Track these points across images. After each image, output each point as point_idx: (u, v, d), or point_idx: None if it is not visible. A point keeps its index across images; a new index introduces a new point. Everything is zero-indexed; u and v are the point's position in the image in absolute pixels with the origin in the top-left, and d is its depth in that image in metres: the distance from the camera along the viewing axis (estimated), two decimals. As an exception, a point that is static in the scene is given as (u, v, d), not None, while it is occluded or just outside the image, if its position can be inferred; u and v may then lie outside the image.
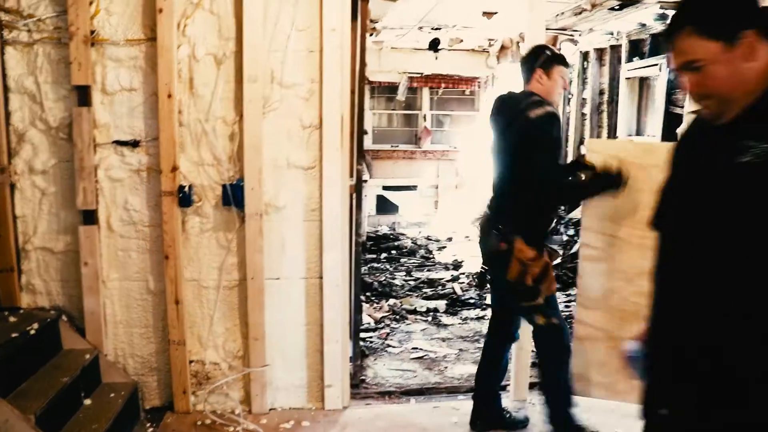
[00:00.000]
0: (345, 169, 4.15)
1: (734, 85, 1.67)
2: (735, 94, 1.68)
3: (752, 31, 1.64)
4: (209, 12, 3.94)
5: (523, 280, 3.56)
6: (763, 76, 1.67)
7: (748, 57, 1.65)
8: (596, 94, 10.88)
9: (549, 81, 3.64)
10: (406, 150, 12.82)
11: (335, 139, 4.06)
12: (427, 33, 9.16)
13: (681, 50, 1.70)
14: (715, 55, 1.65)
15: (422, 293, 8.00)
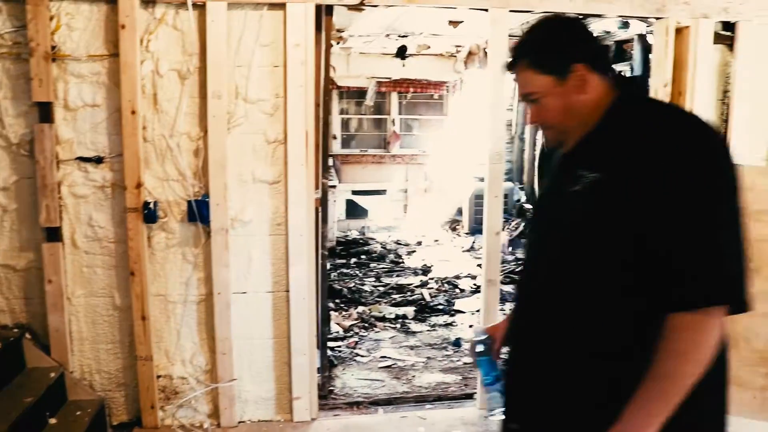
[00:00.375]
0: (310, 182, 4.15)
1: (568, 117, 1.75)
2: (570, 124, 1.76)
3: (582, 64, 1.71)
4: (173, 28, 3.93)
5: None
6: (595, 107, 1.74)
7: (580, 89, 1.72)
8: (561, 99, 10.92)
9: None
10: (375, 154, 12.82)
11: (300, 153, 4.07)
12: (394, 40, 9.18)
13: (520, 83, 1.79)
14: (548, 88, 1.73)
15: (391, 299, 8.01)
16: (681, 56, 4.51)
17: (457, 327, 6.91)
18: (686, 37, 4.47)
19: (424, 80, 12.54)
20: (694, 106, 4.49)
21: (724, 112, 4.70)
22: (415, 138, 13.21)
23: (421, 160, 13.00)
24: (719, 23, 4.56)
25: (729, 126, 4.66)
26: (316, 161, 4.27)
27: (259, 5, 3.96)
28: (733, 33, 4.58)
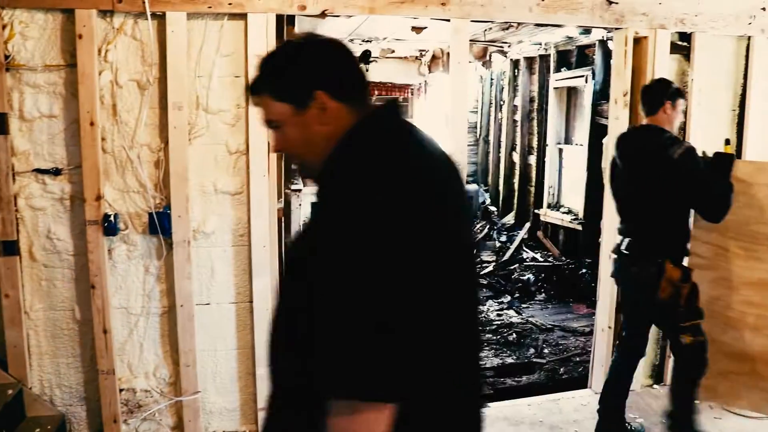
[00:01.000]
0: (273, 192, 4.12)
1: (307, 147, 1.64)
2: (310, 156, 1.65)
3: (324, 92, 1.60)
4: (131, 38, 3.87)
5: (675, 301, 3.80)
6: (333, 137, 1.61)
7: (320, 119, 1.61)
8: (527, 102, 11.01)
9: (674, 112, 3.94)
10: (340, 157, 12.77)
11: (262, 163, 4.03)
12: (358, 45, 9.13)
13: (262, 108, 1.66)
14: (287, 117, 1.61)
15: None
16: (640, 66, 4.56)
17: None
18: (644, 47, 4.51)
19: (389, 83, 12.52)
20: (652, 114, 4.55)
21: (682, 120, 4.74)
22: (381, 141, 13.18)
23: (387, 162, 12.95)
24: (676, 34, 4.62)
25: (686, 134, 4.71)
26: (278, 171, 4.24)
27: (220, 15, 3.91)
28: (689, 43, 4.64)
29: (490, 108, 12.91)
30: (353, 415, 1.36)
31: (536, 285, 8.41)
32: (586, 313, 7.41)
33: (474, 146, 13.57)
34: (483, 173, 13.33)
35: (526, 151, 11.08)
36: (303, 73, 1.61)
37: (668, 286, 3.79)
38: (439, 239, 1.49)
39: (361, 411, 1.36)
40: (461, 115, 4.34)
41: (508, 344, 6.47)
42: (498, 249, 10.23)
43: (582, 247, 8.84)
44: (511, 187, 11.65)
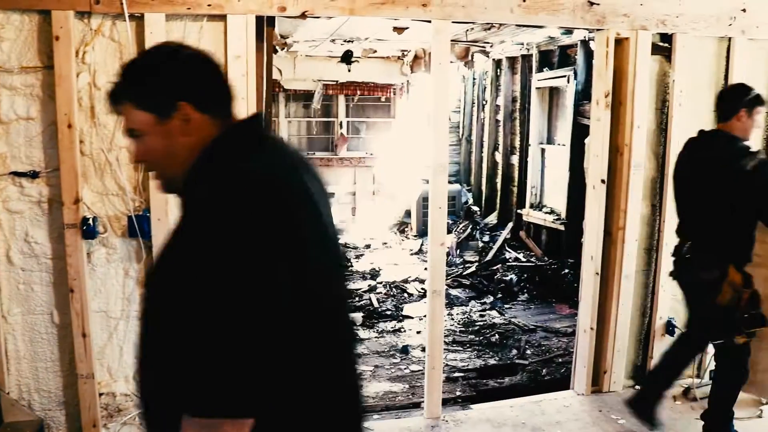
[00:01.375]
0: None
1: (169, 158, 1.60)
2: (171, 167, 1.62)
3: (188, 103, 1.57)
4: (109, 39, 3.84)
5: (735, 305, 3.80)
6: (195, 149, 1.59)
7: (184, 130, 1.58)
8: (509, 102, 11.06)
9: (749, 121, 3.87)
10: (322, 157, 12.71)
11: (243, 167, 4.01)
12: (339, 45, 9.12)
13: (123, 116, 1.62)
14: (150, 127, 1.58)
15: (340, 305, 7.97)
16: (621, 67, 4.58)
17: (405, 333, 6.92)
18: (626, 48, 4.54)
19: (371, 83, 12.51)
20: (634, 115, 4.57)
21: (663, 120, 4.78)
22: (363, 140, 13.20)
23: (369, 162, 12.96)
24: (657, 35, 4.65)
25: (668, 135, 4.74)
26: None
27: (199, 17, 3.89)
28: (670, 44, 4.67)
29: (472, 108, 12.93)
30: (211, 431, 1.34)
31: (519, 285, 8.43)
32: (568, 314, 7.44)
33: (456, 146, 13.58)
34: (466, 173, 13.36)
35: (509, 151, 11.12)
36: (167, 82, 1.59)
37: (729, 291, 3.80)
38: (298, 247, 1.48)
39: (218, 428, 1.35)
40: (443, 115, 4.34)
41: (491, 345, 6.49)
42: (481, 249, 10.26)
43: (564, 247, 8.89)
44: (494, 187, 11.68)
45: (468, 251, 10.46)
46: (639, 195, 4.74)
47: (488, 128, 11.89)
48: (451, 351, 6.28)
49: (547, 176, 9.98)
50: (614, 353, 4.88)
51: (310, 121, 13.02)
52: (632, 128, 4.60)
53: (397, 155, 12.84)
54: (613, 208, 4.74)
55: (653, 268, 4.98)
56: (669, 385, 4.31)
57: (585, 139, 8.12)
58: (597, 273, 4.76)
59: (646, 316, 5.06)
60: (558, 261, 8.85)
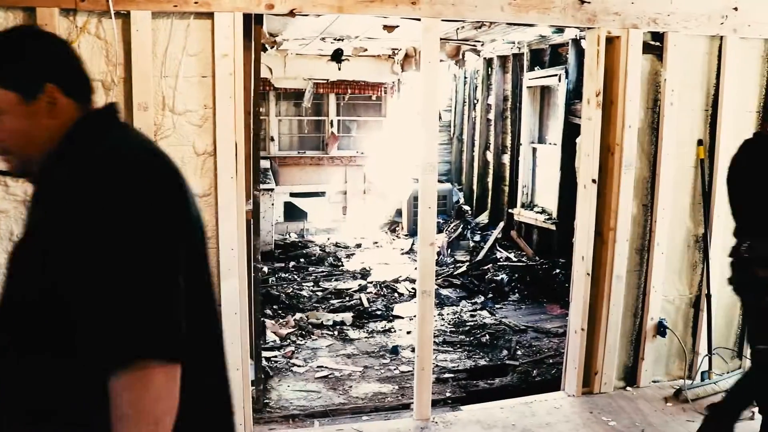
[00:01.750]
0: (241, 195, 4.08)
1: (27, 140, 1.57)
2: (29, 150, 1.58)
3: (54, 86, 1.55)
4: (95, 37, 3.80)
5: None
6: (56, 132, 1.57)
7: (49, 113, 1.56)
8: (500, 101, 11.05)
9: None
10: (313, 156, 12.69)
11: (230, 165, 3.99)
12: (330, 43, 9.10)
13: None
14: (12, 106, 1.53)
15: (329, 305, 7.96)
16: (612, 65, 4.57)
17: (395, 333, 6.91)
18: (617, 47, 4.53)
19: (362, 82, 12.49)
20: (626, 114, 4.56)
21: (655, 120, 4.77)
22: (354, 139, 13.19)
23: (360, 161, 12.96)
24: (648, 33, 4.63)
25: (660, 134, 4.73)
26: (246, 172, 4.20)
27: (186, 14, 3.86)
28: (661, 43, 4.66)
29: (463, 107, 12.92)
30: (144, 382, 1.36)
31: (510, 285, 8.43)
32: (559, 314, 7.44)
33: (448, 145, 13.57)
34: (457, 172, 13.34)
35: (500, 150, 11.11)
36: (36, 63, 1.56)
37: None
38: (180, 221, 1.52)
39: (151, 376, 1.36)
40: (432, 113, 4.32)
41: (481, 346, 6.48)
42: (472, 249, 10.26)
43: (556, 247, 8.89)
44: (485, 186, 11.67)
45: (459, 251, 10.46)
46: (630, 195, 4.73)
47: (479, 127, 11.87)
48: (441, 351, 6.27)
49: (538, 176, 9.98)
50: (605, 354, 4.87)
51: (300, 120, 12.98)
52: (623, 127, 4.59)
53: (388, 154, 12.83)
54: (604, 208, 4.73)
55: (644, 269, 4.97)
56: (747, 408, 4.21)
57: (576, 138, 8.12)
58: (588, 273, 4.75)
59: (637, 317, 5.05)
60: (549, 261, 8.85)
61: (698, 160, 4.93)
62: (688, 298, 5.16)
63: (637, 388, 4.99)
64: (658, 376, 5.17)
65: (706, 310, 5.06)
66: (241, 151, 4.03)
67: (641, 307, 5.02)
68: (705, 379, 5.03)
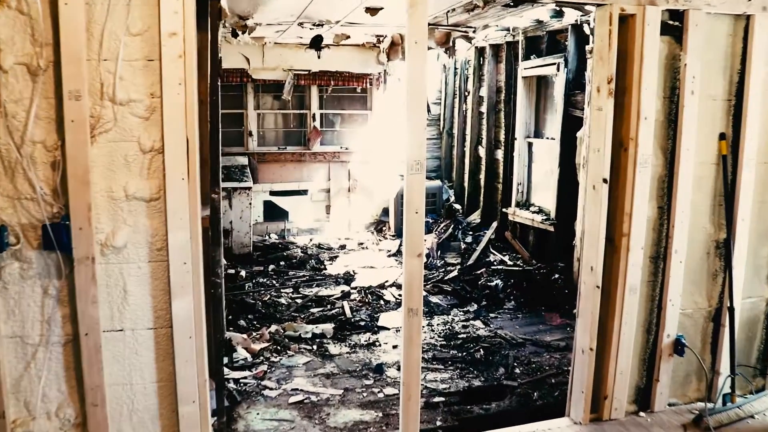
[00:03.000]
0: (195, 198, 3.54)
1: None
2: None
3: None
4: (17, 11, 3.25)
5: None
6: None
7: None
8: (493, 93, 10.59)
9: None
10: (294, 152, 12.15)
11: (180, 164, 3.45)
12: (308, 29, 8.56)
13: None
14: None
15: (309, 314, 7.44)
16: (626, 48, 4.07)
17: (379, 348, 6.38)
18: (631, 26, 4.02)
19: (346, 73, 11.98)
20: (641, 104, 4.06)
21: (672, 111, 4.27)
22: (338, 134, 12.66)
23: (344, 157, 12.48)
24: (666, 12, 4.12)
25: (678, 126, 4.23)
26: (203, 172, 3.67)
27: (127, -14, 3.33)
28: (681, 23, 4.15)
29: (453, 99, 12.48)
30: None
31: (505, 292, 7.91)
32: (560, 324, 6.95)
33: (437, 140, 13.10)
34: (447, 168, 12.87)
35: (493, 145, 10.66)
36: None
37: None
38: None
39: None
40: (420, 104, 3.77)
41: (475, 362, 5.95)
42: (463, 251, 9.76)
43: (554, 250, 8.38)
44: (477, 183, 11.23)
45: (449, 253, 9.96)
46: (646, 196, 4.23)
47: (471, 121, 11.43)
48: (430, 370, 5.75)
49: (534, 172, 9.49)
50: (616, 377, 4.39)
51: (281, 114, 12.43)
52: (638, 119, 4.09)
53: (375, 150, 12.42)
54: (615, 212, 4.23)
55: (660, 279, 4.48)
56: None
57: (577, 132, 7.64)
58: (598, 286, 4.24)
59: (651, 334, 4.56)
60: (547, 265, 8.33)
61: (720, 156, 4.44)
62: (706, 311, 4.69)
63: (651, 413, 4.53)
64: (674, 399, 4.70)
65: (728, 325, 4.59)
66: (195, 147, 3.49)
67: (656, 323, 4.54)
68: (727, 403, 4.58)
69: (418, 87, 3.73)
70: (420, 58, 3.72)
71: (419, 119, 3.78)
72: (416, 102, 3.75)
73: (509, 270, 8.48)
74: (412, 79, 3.72)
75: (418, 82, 3.73)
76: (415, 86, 3.73)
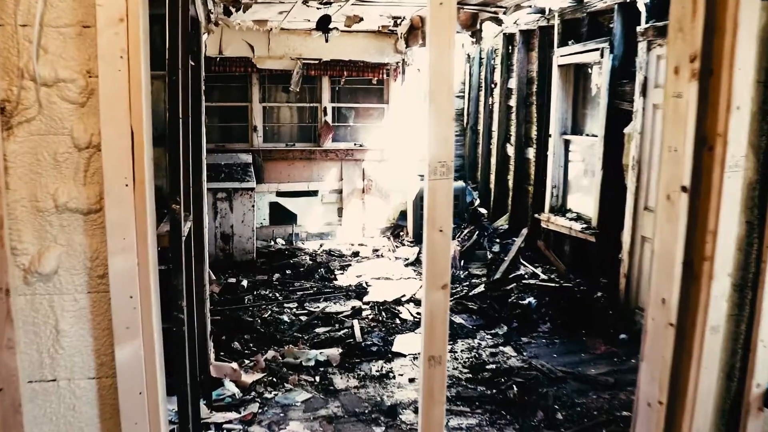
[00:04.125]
0: (144, 210, 2.73)
1: None
2: None
3: None
4: None
5: None
6: None
7: None
8: (524, 84, 9.77)
9: None
10: (303, 149, 11.41)
11: (123, 164, 2.63)
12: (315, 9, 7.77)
13: None
14: None
15: (313, 335, 6.65)
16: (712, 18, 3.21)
17: (393, 381, 5.57)
18: (722, -14, 3.16)
19: (360, 62, 11.22)
20: (733, 89, 3.19)
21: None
22: (351, 130, 11.91)
23: (359, 155, 11.76)
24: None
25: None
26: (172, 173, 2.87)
27: None
28: (786, -17, 3.29)
29: (478, 92, 11.72)
30: None
31: (539, 312, 7.05)
32: (604, 353, 6.11)
33: (460, 137, 12.32)
34: (470, 168, 12.08)
35: (524, 143, 9.87)
36: None
37: None
38: None
39: None
40: (444, 82, 2.92)
41: (508, 403, 5.08)
42: (490, 261, 8.92)
43: (595, 264, 7.50)
44: (505, 185, 10.50)
45: (474, 263, 9.17)
46: (736, 209, 3.37)
47: (498, 116, 10.64)
48: (454, 413, 4.90)
49: (571, 174, 8.62)
50: (692, 437, 3.54)
51: (289, 107, 11.67)
52: (729, 110, 3.21)
53: (392, 147, 11.71)
54: (695, 229, 3.37)
55: (747, 313, 3.62)
56: None
57: (624, 128, 6.79)
58: (671, 324, 3.39)
59: (733, 380, 3.70)
60: (587, 281, 7.46)
61: (823, 157, 3.59)
62: (802, 351, 3.83)
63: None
64: (760, 461, 3.86)
65: (833, 371, 3.73)
66: (143, 142, 2.67)
67: (740, 367, 3.68)
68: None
69: (444, 61, 2.89)
70: (447, 21, 2.88)
71: (445, 106, 2.94)
72: (441, 81, 2.91)
73: (543, 286, 7.59)
74: (437, 47, 2.88)
75: (445, 54, 2.88)
76: (440, 60, 2.89)
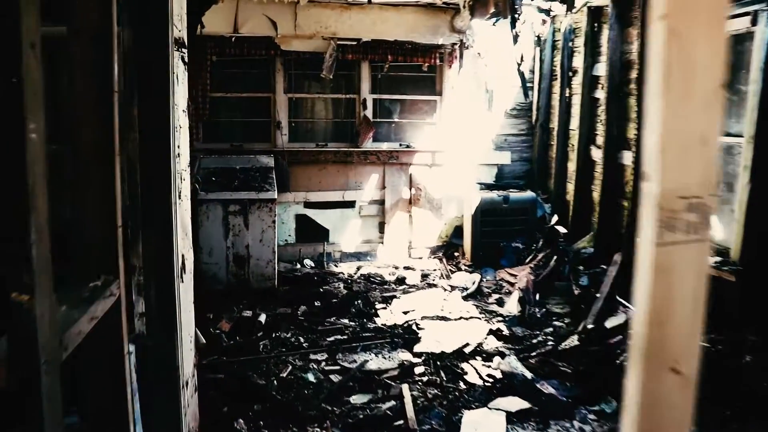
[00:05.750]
0: None
1: None
2: None
3: None
4: None
5: None
6: None
7: None
8: (616, 70, 8.11)
9: None
10: (337, 151, 9.97)
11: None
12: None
13: None
14: None
15: (347, 409, 5.01)
16: None
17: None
18: None
19: (408, 43, 9.68)
20: None
21: None
22: (396, 127, 10.51)
23: (405, 158, 10.34)
24: None
25: None
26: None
27: None
28: None
29: (551, 82, 10.28)
30: None
31: (661, 380, 5.29)
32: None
33: (527, 136, 10.69)
34: (541, 174, 10.44)
35: (615, 145, 8.08)
36: None
37: None
38: None
39: None
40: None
41: None
42: (577, 298, 7.16)
43: (738, 312, 5.67)
44: (588, 197, 8.95)
45: (553, 298, 7.49)
46: None
47: (579, 110, 9.13)
48: None
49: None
50: None
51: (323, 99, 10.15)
52: None
53: (445, 149, 10.32)
54: None
55: None
56: None
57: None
58: None
59: None
60: (726, 336, 5.65)
61: None
62: None
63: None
64: None
65: None
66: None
67: None
68: None
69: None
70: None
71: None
72: None
73: (659, 338, 5.84)
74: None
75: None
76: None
